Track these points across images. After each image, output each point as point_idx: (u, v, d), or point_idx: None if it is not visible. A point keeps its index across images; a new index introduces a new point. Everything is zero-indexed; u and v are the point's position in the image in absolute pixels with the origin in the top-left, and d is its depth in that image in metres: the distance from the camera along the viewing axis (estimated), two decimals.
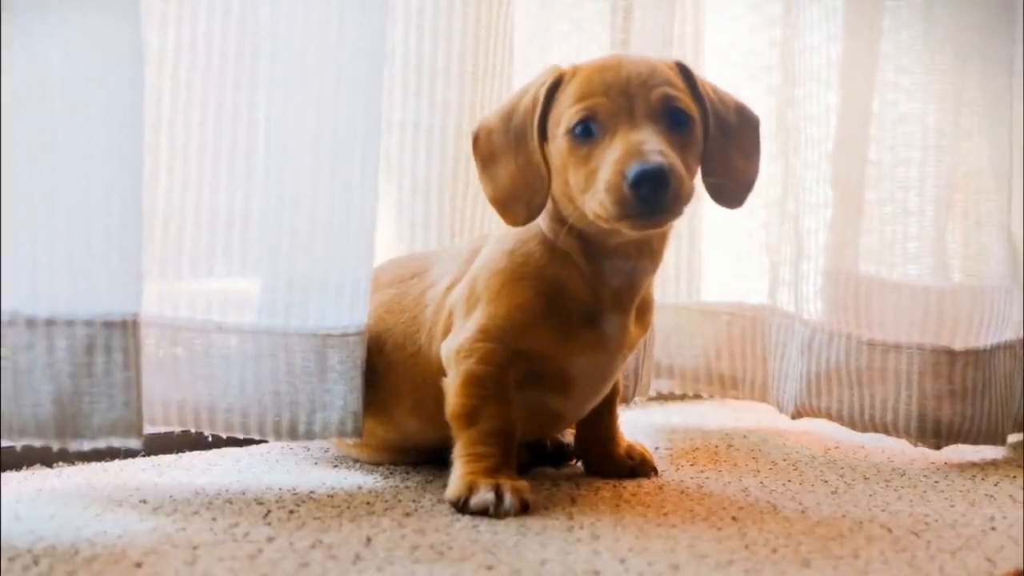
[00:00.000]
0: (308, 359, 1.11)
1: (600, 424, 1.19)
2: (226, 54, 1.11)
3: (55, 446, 0.95)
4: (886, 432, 1.36)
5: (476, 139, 1.09)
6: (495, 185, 1.07)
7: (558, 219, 1.07)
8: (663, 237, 1.09)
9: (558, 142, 1.03)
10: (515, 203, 1.06)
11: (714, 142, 1.06)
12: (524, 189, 1.05)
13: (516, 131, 1.06)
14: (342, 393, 1.11)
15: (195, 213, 1.11)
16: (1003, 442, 1.37)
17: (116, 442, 0.97)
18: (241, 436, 1.12)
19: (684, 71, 1.06)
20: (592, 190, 0.99)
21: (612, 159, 0.97)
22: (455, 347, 1.07)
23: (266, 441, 1.22)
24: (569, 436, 1.25)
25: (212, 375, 1.10)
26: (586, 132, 1.01)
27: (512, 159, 1.06)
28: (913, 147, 1.37)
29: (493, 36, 1.32)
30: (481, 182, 1.09)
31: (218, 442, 1.24)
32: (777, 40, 1.50)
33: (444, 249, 1.25)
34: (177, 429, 1.13)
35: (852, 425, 1.37)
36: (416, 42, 1.29)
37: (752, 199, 1.50)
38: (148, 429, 1.17)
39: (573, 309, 1.07)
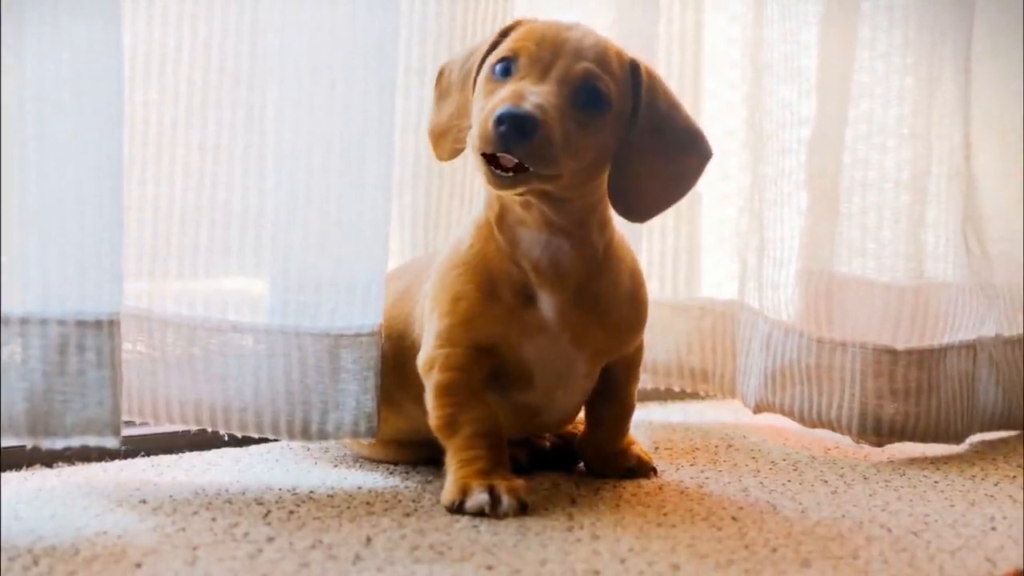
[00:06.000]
0: (320, 359, 1.11)
1: (602, 428, 1.18)
2: (240, 53, 1.11)
3: (28, 444, 0.95)
4: (832, 429, 1.37)
5: (440, 75, 1.12)
6: (437, 119, 1.10)
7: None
8: (563, 210, 1.04)
9: (481, 76, 1.04)
10: (444, 138, 1.09)
11: (638, 146, 1.04)
12: (455, 125, 1.07)
13: (466, 70, 1.08)
14: (355, 393, 1.11)
15: (210, 212, 1.12)
16: (958, 441, 1.37)
17: (91, 441, 0.96)
18: (256, 435, 1.13)
19: (634, 68, 1.05)
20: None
21: (497, 98, 0.98)
22: (423, 359, 1.08)
23: (269, 440, 1.22)
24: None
25: (227, 374, 1.11)
26: (504, 71, 1.01)
27: (457, 96, 1.08)
28: (873, 149, 1.37)
29: (470, 35, 1.32)
30: (431, 115, 1.12)
31: (218, 442, 1.23)
32: (749, 39, 1.50)
33: None
34: (194, 428, 1.13)
35: (802, 421, 1.39)
36: None
37: (737, 198, 1.52)
38: (166, 427, 1.19)
39: (505, 288, 1.06)
